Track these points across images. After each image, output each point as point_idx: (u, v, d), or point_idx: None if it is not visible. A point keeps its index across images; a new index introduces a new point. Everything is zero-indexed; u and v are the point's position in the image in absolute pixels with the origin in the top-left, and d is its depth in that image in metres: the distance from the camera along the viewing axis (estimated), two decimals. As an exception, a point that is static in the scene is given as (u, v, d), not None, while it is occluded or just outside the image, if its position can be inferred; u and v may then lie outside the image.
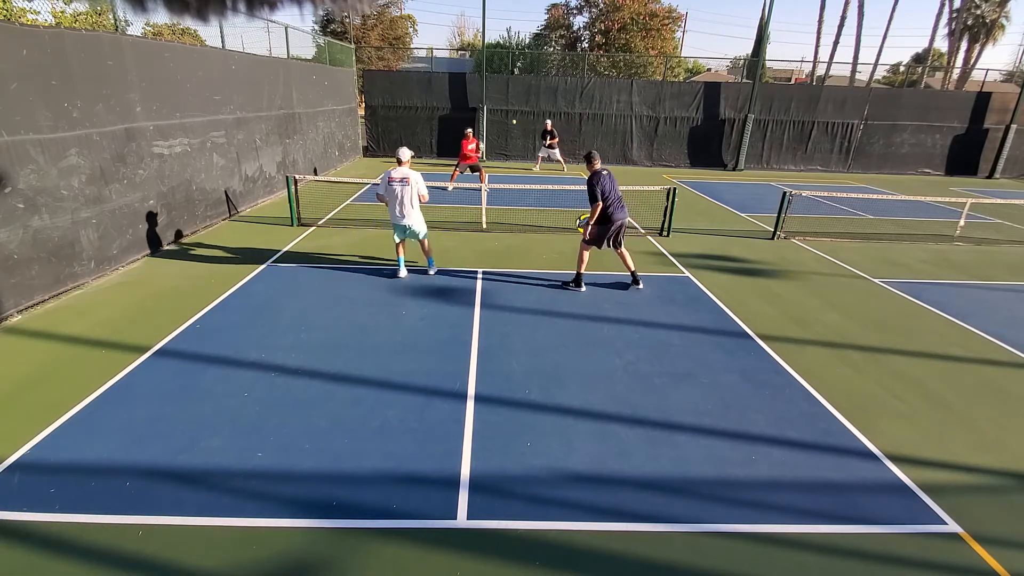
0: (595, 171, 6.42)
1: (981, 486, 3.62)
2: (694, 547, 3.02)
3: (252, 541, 2.94)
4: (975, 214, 12.19)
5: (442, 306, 6.13)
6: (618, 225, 6.49)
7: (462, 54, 42.21)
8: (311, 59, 15.83)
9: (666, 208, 9.36)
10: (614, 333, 5.66)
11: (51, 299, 5.85)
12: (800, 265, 8.22)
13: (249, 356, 4.87)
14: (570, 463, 3.64)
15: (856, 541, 3.10)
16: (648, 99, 18.77)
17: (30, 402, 4.09)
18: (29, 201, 5.50)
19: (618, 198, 6.50)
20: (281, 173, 11.67)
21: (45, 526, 2.98)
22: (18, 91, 5.32)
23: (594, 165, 6.48)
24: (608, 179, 6.41)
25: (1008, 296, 7.28)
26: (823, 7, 49.86)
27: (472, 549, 2.94)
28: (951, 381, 4.97)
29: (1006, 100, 19.11)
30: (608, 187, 6.38)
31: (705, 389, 4.63)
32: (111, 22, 8.09)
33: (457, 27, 64.88)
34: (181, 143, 8.06)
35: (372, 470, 3.50)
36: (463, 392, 4.44)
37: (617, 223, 6.46)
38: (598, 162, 6.50)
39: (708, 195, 14.00)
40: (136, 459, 3.51)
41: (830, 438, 4.05)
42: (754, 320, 6.09)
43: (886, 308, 6.67)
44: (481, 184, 10.49)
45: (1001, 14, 36.68)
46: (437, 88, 18.51)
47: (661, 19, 30.07)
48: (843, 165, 19.61)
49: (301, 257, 7.68)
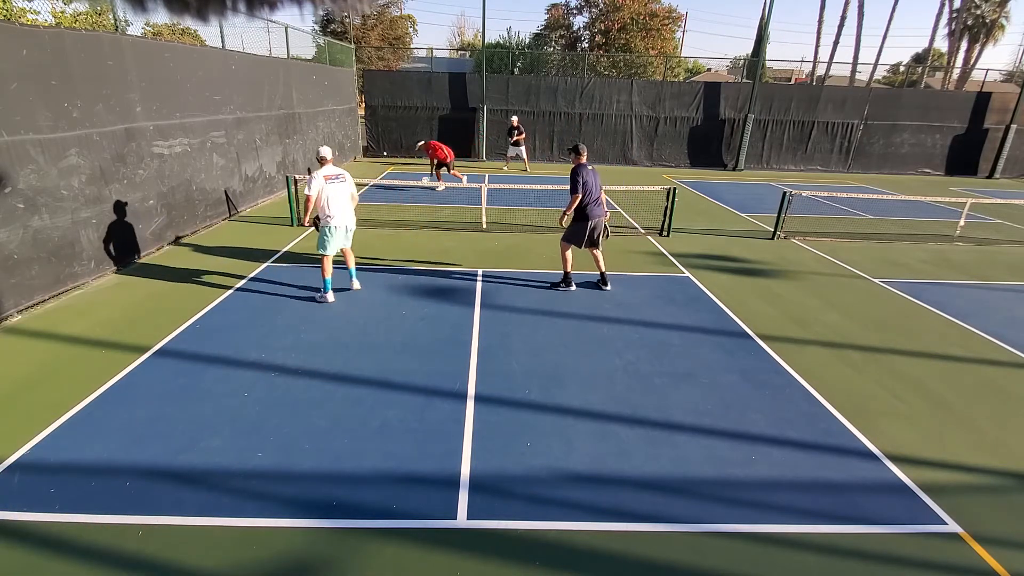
0: (580, 164, 6.34)
1: (981, 486, 3.62)
2: (694, 547, 3.02)
3: (252, 541, 2.94)
4: (975, 214, 12.19)
5: (442, 306, 6.13)
6: (595, 223, 6.44)
7: (462, 54, 42.20)
8: (311, 59, 15.83)
9: (666, 208, 9.36)
10: (614, 333, 5.66)
11: (51, 299, 5.85)
12: (800, 265, 8.22)
13: (249, 356, 4.87)
14: (570, 463, 3.64)
15: (856, 541, 3.10)
16: (648, 99, 18.77)
17: (30, 402, 4.09)
18: (29, 201, 5.49)
19: (597, 197, 6.46)
20: (281, 173, 11.67)
21: (45, 526, 2.98)
22: (18, 91, 5.32)
23: (580, 158, 6.39)
24: (592, 174, 6.35)
25: (1008, 296, 7.28)
26: (823, 7, 49.96)
27: (472, 549, 2.94)
28: (951, 381, 4.97)
29: (1006, 100, 19.11)
30: (591, 182, 6.31)
31: (705, 389, 4.63)
32: (111, 22, 8.09)
33: (457, 27, 64.88)
34: (181, 143, 8.06)
35: (372, 470, 3.50)
36: (463, 392, 4.44)
37: (594, 220, 6.40)
38: (584, 156, 6.42)
39: (708, 195, 14.00)
40: (136, 459, 3.51)
41: (830, 438, 4.05)
42: (754, 320, 6.09)
43: (886, 308, 6.67)
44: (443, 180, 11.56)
45: (1001, 14, 36.68)
46: (437, 88, 18.51)
47: (661, 19, 30.08)
48: (843, 165, 19.61)
49: (301, 257, 7.68)
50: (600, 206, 6.48)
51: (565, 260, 6.66)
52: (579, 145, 6.48)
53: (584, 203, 6.32)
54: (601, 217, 6.49)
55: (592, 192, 6.34)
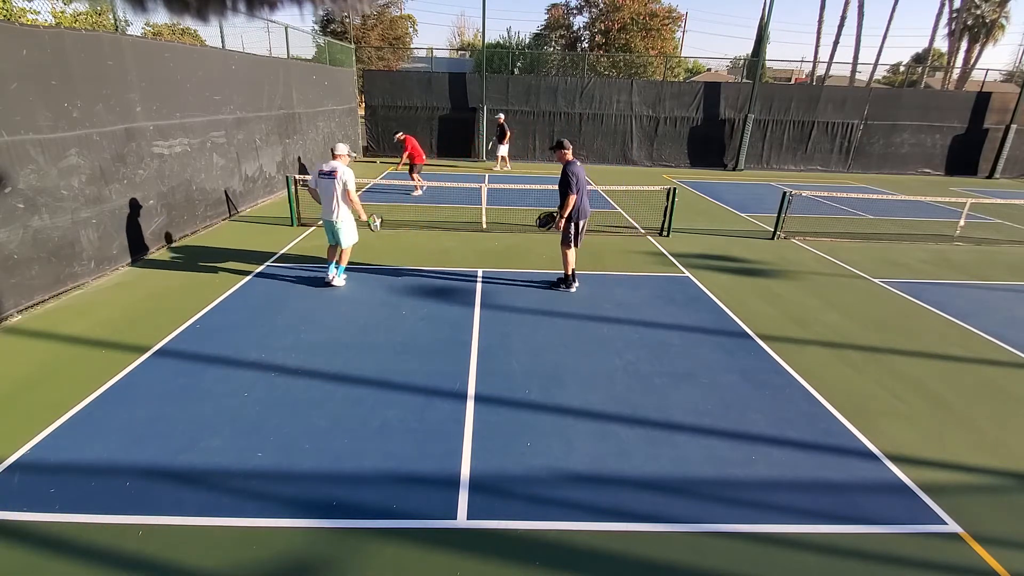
0: (569, 161, 6.13)
1: (981, 486, 3.62)
2: (694, 547, 3.02)
3: (252, 541, 2.94)
4: (975, 214, 12.19)
5: (442, 306, 6.13)
6: (587, 219, 6.41)
7: (462, 54, 42.20)
8: (311, 59, 15.83)
9: (666, 208, 9.36)
10: (614, 333, 5.66)
11: (51, 299, 5.85)
12: (800, 265, 8.22)
13: (249, 356, 4.87)
14: (570, 463, 3.64)
15: (856, 541, 3.10)
16: (648, 99, 18.77)
17: (30, 402, 4.09)
18: (29, 201, 5.49)
19: (586, 191, 6.36)
20: (281, 173, 11.67)
21: (45, 526, 2.98)
22: (18, 91, 5.32)
23: (566, 155, 6.16)
24: (581, 169, 6.20)
25: (1008, 296, 7.28)
26: (823, 7, 49.95)
27: (472, 549, 2.94)
28: (951, 381, 4.97)
29: (1006, 100, 19.11)
30: (582, 179, 6.19)
31: (705, 389, 4.63)
32: (111, 22, 8.09)
33: (457, 27, 64.90)
34: (181, 143, 8.06)
35: (372, 470, 3.50)
36: (463, 392, 4.44)
37: (585, 217, 6.34)
38: (571, 151, 6.21)
39: (708, 195, 13.99)
40: (136, 459, 3.51)
41: (830, 438, 4.05)
42: (754, 320, 6.09)
43: (886, 308, 6.67)
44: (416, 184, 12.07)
45: (1001, 14, 36.67)
46: (437, 88, 18.51)
47: (661, 19, 30.08)
48: (843, 165, 19.61)
49: (301, 257, 7.68)
50: (588, 200, 6.44)
51: (567, 261, 6.58)
52: (563, 140, 6.27)
53: (580, 200, 6.23)
54: (589, 212, 6.45)
55: (583, 189, 6.24)
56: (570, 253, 6.55)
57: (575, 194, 6.11)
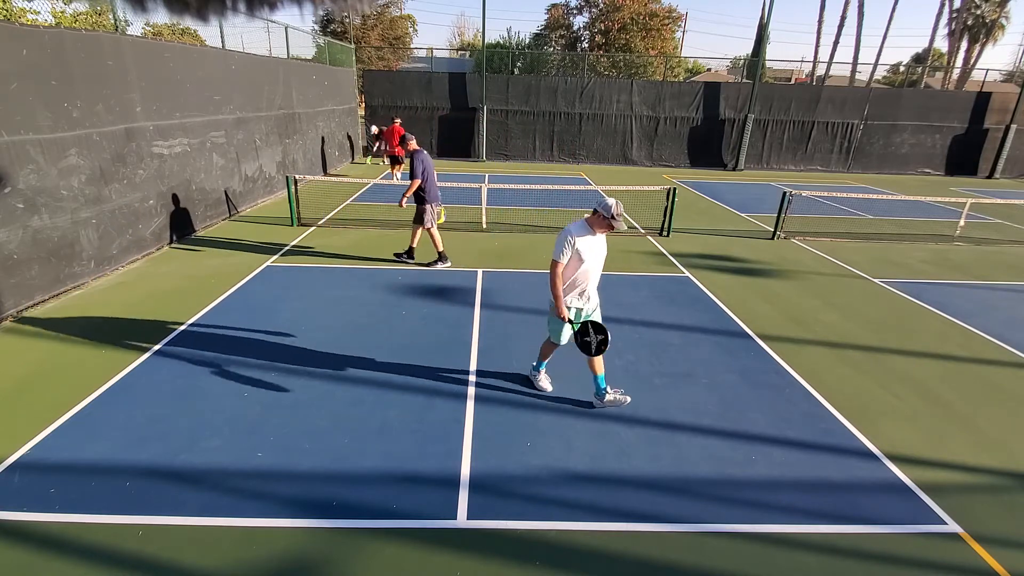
0: (415, 150, 7.00)
1: (981, 486, 3.62)
2: (694, 547, 3.02)
3: (252, 541, 2.94)
4: (975, 214, 12.19)
5: (442, 306, 6.13)
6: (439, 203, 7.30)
7: (462, 54, 42.20)
8: (311, 59, 15.83)
9: (666, 208, 9.36)
10: (614, 333, 5.61)
11: (51, 299, 5.85)
12: (800, 265, 8.22)
13: (249, 356, 4.87)
14: (570, 463, 3.64)
15: (856, 541, 3.10)
16: (648, 99, 18.77)
17: (30, 402, 4.09)
18: (29, 201, 5.49)
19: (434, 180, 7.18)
20: (281, 173, 11.67)
21: (45, 526, 2.98)
22: (18, 91, 5.32)
23: (410, 145, 7.16)
24: (428, 159, 7.07)
25: (1008, 296, 7.28)
26: (823, 7, 49.98)
27: (472, 549, 2.94)
28: (951, 381, 4.97)
29: (1006, 100, 19.11)
30: (429, 167, 7.01)
31: (705, 389, 4.63)
32: (111, 22, 8.09)
33: (457, 27, 64.94)
34: (181, 143, 8.06)
35: (372, 470, 3.50)
36: (463, 392, 4.43)
37: (436, 201, 7.17)
38: (414, 142, 7.22)
39: (708, 195, 13.99)
40: (136, 459, 3.51)
41: (830, 438, 4.05)
42: (754, 320, 6.09)
43: (886, 308, 6.67)
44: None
45: (1001, 14, 36.65)
46: (437, 88, 18.52)
47: (661, 19, 30.11)
48: (843, 165, 19.62)
49: (301, 257, 7.68)
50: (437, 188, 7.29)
51: (417, 237, 7.42)
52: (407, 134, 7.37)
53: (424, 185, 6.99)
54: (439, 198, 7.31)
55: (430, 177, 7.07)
56: (419, 232, 7.34)
57: (418, 179, 6.90)
